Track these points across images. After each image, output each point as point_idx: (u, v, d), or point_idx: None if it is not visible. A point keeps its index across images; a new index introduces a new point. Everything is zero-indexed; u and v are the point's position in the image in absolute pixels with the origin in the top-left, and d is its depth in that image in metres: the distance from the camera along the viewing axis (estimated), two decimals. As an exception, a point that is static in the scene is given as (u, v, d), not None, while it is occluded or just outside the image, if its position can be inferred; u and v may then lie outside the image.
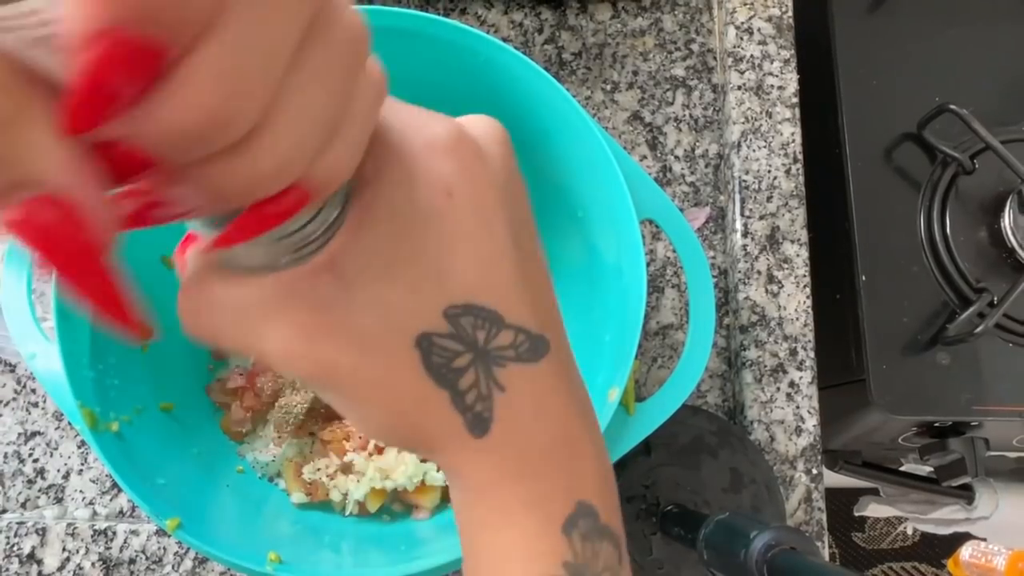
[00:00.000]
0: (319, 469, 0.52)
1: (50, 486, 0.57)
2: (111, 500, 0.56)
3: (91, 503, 0.56)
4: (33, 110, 0.14)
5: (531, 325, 0.23)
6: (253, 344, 0.21)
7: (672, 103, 0.65)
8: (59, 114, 0.13)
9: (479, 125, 0.24)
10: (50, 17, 0.13)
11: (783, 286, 0.60)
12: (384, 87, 0.19)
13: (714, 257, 0.62)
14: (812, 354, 0.59)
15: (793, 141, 0.62)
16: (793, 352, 0.59)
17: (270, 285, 0.21)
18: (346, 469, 0.52)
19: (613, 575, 0.24)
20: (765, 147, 0.62)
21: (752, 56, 0.64)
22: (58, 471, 0.57)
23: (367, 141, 0.19)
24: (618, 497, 0.26)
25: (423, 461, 0.51)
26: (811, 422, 0.58)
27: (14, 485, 0.57)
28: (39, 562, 0.54)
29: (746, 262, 0.60)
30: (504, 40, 0.62)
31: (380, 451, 0.52)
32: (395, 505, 0.52)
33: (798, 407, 0.58)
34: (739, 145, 0.62)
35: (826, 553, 0.55)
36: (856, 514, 0.92)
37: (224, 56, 0.14)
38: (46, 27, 0.13)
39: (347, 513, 0.52)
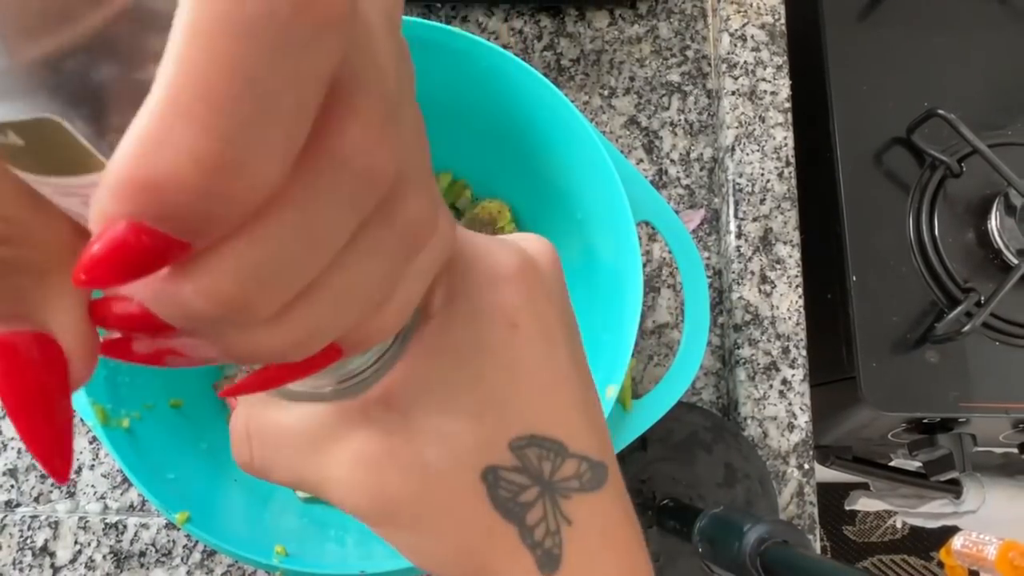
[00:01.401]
0: (324, 464, 0.52)
1: (62, 481, 0.57)
2: (122, 494, 0.56)
3: (102, 497, 0.56)
4: (66, 262, 0.13)
5: (591, 452, 0.22)
6: (310, 475, 0.20)
7: (668, 108, 0.65)
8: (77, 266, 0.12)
9: (533, 246, 0.23)
10: None
11: (776, 286, 0.60)
12: (452, 245, 0.18)
13: (709, 258, 0.62)
14: (804, 352, 0.59)
15: (785, 145, 0.62)
16: (785, 350, 0.59)
17: (325, 416, 0.20)
18: (350, 464, 0.52)
19: None
20: (758, 151, 0.62)
21: (746, 62, 0.64)
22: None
23: (419, 299, 0.17)
24: None
25: None
26: (803, 418, 0.58)
27: (27, 480, 0.57)
28: (52, 555, 0.54)
29: (740, 263, 0.60)
30: (504, 47, 0.62)
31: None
32: (398, 499, 0.52)
33: (790, 404, 0.58)
34: (733, 149, 0.62)
35: (817, 546, 0.55)
36: (847, 508, 0.92)
37: (252, 254, 0.12)
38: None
39: (351, 507, 0.52)
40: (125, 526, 0.55)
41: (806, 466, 0.57)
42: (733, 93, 0.63)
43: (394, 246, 0.15)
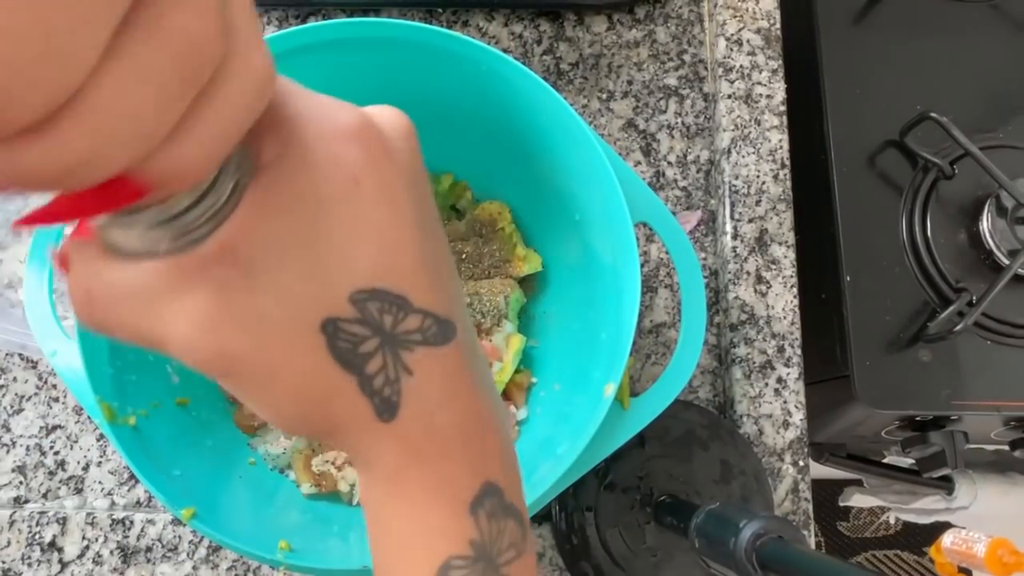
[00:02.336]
0: (327, 461, 0.52)
1: (70, 477, 0.57)
2: (128, 491, 0.56)
3: (109, 494, 0.56)
4: None
5: (438, 309, 0.22)
6: (149, 334, 0.20)
7: (665, 111, 0.65)
8: None
9: (385, 115, 0.22)
10: None
11: (771, 286, 0.60)
12: (267, 82, 0.17)
13: (705, 258, 0.62)
14: (799, 351, 0.59)
15: (781, 147, 0.62)
16: (781, 349, 0.59)
17: (163, 270, 0.19)
18: (353, 461, 0.52)
19: (518, 551, 0.24)
20: (754, 153, 0.62)
21: (741, 66, 0.64)
22: (78, 463, 0.57)
23: (234, 137, 0.17)
24: (520, 475, 0.26)
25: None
26: (798, 416, 0.58)
27: (36, 476, 0.57)
28: (60, 550, 0.54)
29: (736, 263, 0.60)
30: (505, 51, 0.62)
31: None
32: (400, 495, 0.52)
33: (785, 402, 0.58)
34: (729, 151, 0.62)
35: (812, 541, 0.55)
36: (841, 504, 0.92)
37: None
38: None
39: (354, 503, 0.52)
40: (132, 522, 0.55)
41: (801, 463, 0.57)
42: (729, 96, 0.63)
43: (160, 63, 0.14)
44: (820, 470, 0.79)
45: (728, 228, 0.61)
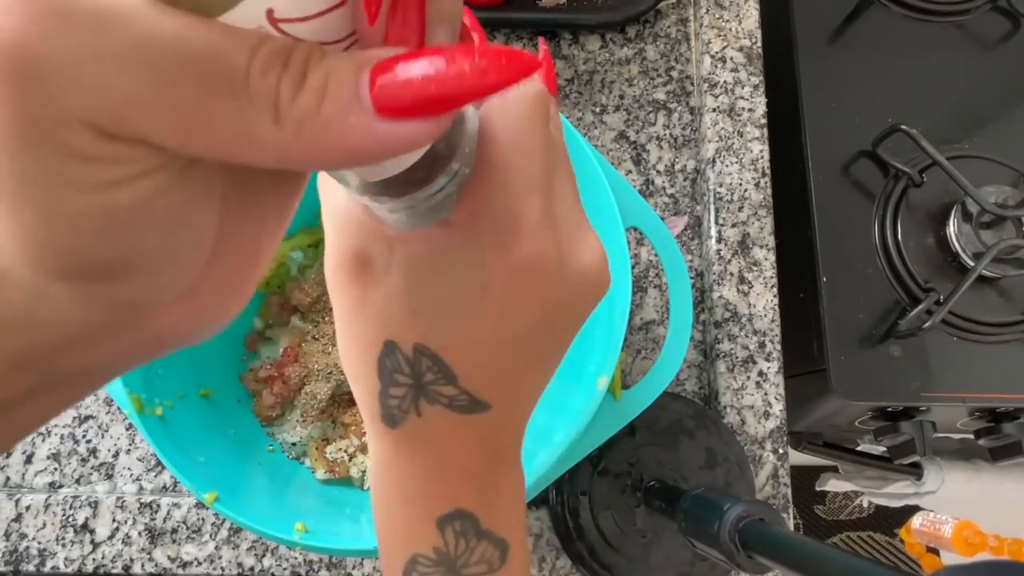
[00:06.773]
0: (340, 449, 0.52)
1: (101, 464, 0.57)
2: (155, 476, 0.57)
3: (138, 479, 0.56)
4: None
5: (480, 394, 0.22)
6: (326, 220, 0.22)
7: (654, 123, 0.65)
8: None
9: (584, 259, 0.21)
10: None
11: (753, 286, 0.60)
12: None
13: (691, 260, 0.62)
14: (779, 347, 0.59)
15: (762, 157, 0.62)
16: (762, 345, 0.59)
17: (360, 220, 0.21)
18: (364, 449, 0.52)
19: (490, 568, 0.24)
20: (737, 163, 0.62)
21: (725, 82, 0.64)
22: (108, 451, 0.57)
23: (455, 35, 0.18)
24: (521, 519, 0.25)
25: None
26: (778, 407, 0.58)
27: (69, 463, 0.57)
28: (92, 531, 0.54)
29: (720, 265, 0.60)
30: (505, 68, 0.62)
31: (395, 433, 0.52)
32: (408, 481, 0.52)
33: (766, 394, 0.58)
34: (714, 161, 0.62)
35: (791, 524, 0.55)
36: (817, 489, 0.92)
37: None
38: None
39: (365, 488, 0.52)
40: (159, 505, 0.55)
41: (780, 451, 0.57)
42: (714, 110, 0.63)
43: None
44: (798, 457, 0.79)
45: (713, 232, 0.61)
